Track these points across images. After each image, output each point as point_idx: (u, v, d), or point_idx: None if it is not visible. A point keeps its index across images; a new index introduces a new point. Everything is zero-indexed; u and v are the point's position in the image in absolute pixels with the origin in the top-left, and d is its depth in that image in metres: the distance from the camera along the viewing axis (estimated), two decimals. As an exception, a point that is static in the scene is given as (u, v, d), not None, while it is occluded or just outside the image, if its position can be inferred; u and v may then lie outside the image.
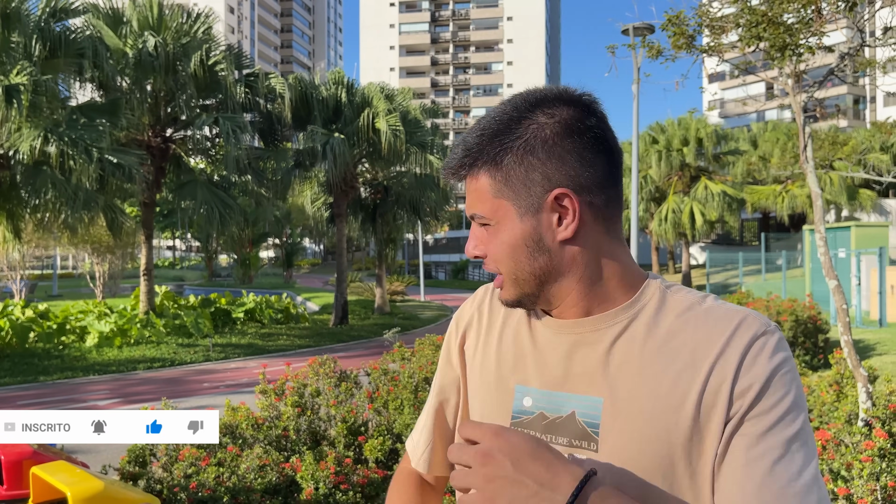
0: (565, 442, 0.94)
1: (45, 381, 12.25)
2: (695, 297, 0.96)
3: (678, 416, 0.88)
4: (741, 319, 0.91)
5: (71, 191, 13.06)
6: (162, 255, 66.14)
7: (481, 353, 1.07)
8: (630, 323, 0.94)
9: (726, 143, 35.12)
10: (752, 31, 5.11)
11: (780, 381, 0.87)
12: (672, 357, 0.91)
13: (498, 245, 0.96)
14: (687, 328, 0.92)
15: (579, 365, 0.95)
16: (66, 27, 14.22)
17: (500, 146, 0.94)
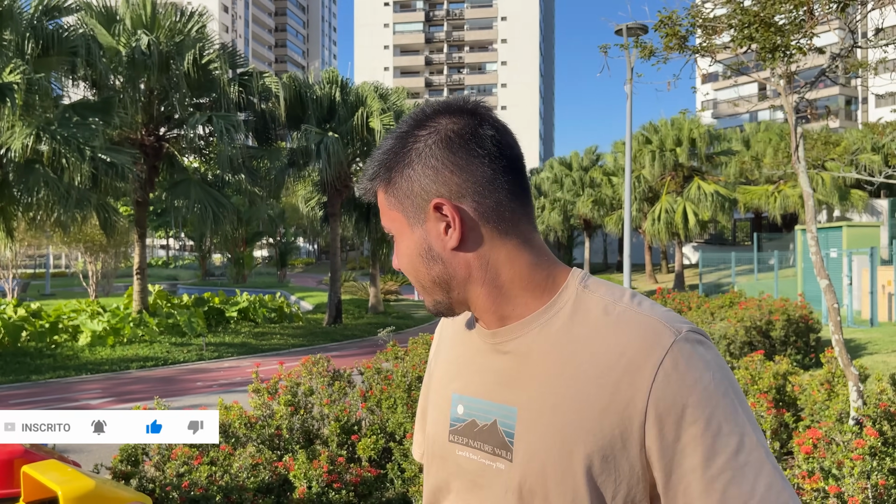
0: (489, 450, 0.96)
1: (37, 380, 12.20)
2: (609, 298, 0.93)
3: (585, 433, 0.87)
4: (651, 330, 0.87)
5: (63, 189, 13.01)
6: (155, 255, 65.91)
7: (437, 366, 1.12)
8: (543, 330, 0.94)
9: (719, 144, 35.23)
10: (744, 32, 5.13)
11: (700, 401, 0.83)
12: (581, 368, 0.89)
13: (402, 256, 1.01)
14: (597, 337, 0.90)
15: (498, 374, 0.97)
16: (59, 25, 14.17)
17: (390, 163, 0.98)
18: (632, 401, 0.85)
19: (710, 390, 0.84)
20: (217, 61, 17.34)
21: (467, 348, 1.04)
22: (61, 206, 13.21)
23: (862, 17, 5.88)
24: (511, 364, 0.96)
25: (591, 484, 0.87)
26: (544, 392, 0.91)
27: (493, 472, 0.95)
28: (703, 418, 0.83)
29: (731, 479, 0.82)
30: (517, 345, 0.96)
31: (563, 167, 45.14)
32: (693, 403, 0.83)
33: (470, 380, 1.01)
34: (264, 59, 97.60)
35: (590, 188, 40.83)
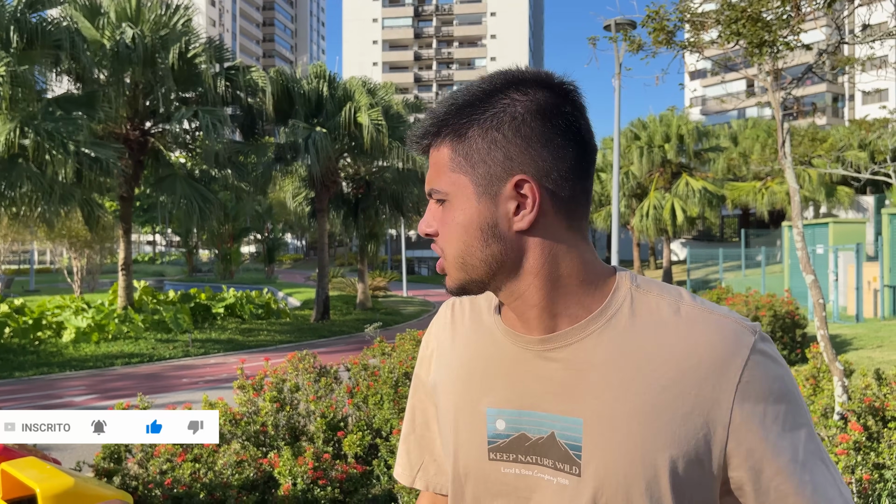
0: (550, 464, 0.90)
1: (20, 376, 12.08)
2: (669, 297, 0.90)
3: (668, 440, 0.84)
4: (730, 330, 0.86)
5: (47, 184, 12.88)
6: (142, 251, 65.49)
7: (444, 377, 1.02)
8: (603, 334, 0.89)
9: (707, 140, 35.39)
10: (732, 28, 5.13)
11: (782, 399, 0.85)
12: (657, 373, 0.85)
13: (451, 224, 0.90)
14: (669, 339, 0.87)
15: (550, 383, 0.90)
16: (43, 18, 14.00)
17: (467, 117, 0.88)
18: (717, 403, 0.84)
19: (788, 388, 0.86)
20: (203, 55, 17.20)
21: (496, 356, 0.95)
22: (45, 202, 13.08)
23: (849, 13, 5.89)
24: (566, 372, 0.89)
25: (676, 491, 0.85)
26: (615, 401, 0.86)
27: (553, 487, 0.89)
28: (785, 416, 0.85)
29: (815, 471, 0.85)
30: (574, 350, 0.89)
31: (552, 163, 45.24)
32: (775, 402, 0.85)
33: (510, 392, 0.93)
34: (252, 53, 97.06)
35: (578, 184, 40.91)
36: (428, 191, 0.92)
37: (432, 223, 0.92)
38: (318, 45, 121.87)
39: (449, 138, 0.90)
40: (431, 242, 0.95)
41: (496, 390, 0.94)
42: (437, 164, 0.91)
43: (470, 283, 0.92)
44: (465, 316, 1.04)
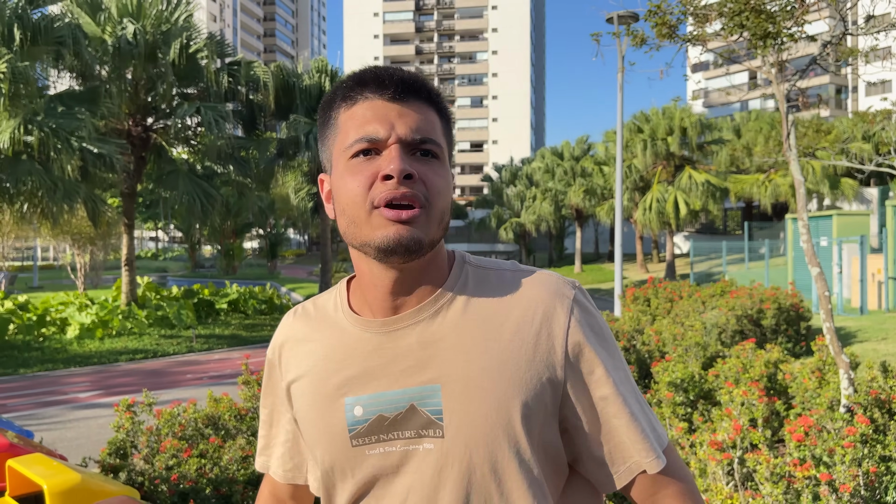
0: (412, 434, 0.94)
1: (25, 373, 12.11)
2: (498, 267, 1.01)
3: (518, 387, 0.93)
4: (554, 283, 0.98)
5: (51, 181, 12.88)
6: (145, 246, 65.56)
7: (304, 381, 1.03)
8: (450, 307, 0.97)
9: (710, 133, 35.27)
10: (735, 20, 5.10)
11: (603, 339, 0.98)
12: (501, 329, 0.95)
13: (441, 180, 0.94)
14: (507, 299, 0.97)
15: (409, 359, 0.95)
16: (44, 14, 13.98)
17: (444, 104, 0.99)
18: (552, 347, 0.94)
19: (607, 331, 0.99)
20: (204, 51, 17.17)
21: (349, 348, 0.99)
22: (49, 198, 13.09)
23: (853, 4, 5.85)
24: (419, 346, 0.95)
25: (529, 433, 0.93)
26: (467, 362, 0.93)
27: (419, 454, 0.95)
28: (607, 354, 0.97)
29: (633, 399, 0.98)
30: (425, 325, 0.96)
31: (555, 157, 45.12)
32: (598, 342, 0.97)
33: (366, 378, 0.97)
34: (253, 48, 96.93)
35: (581, 178, 40.85)
36: (419, 138, 0.92)
37: (423, 174, 0.92)
38: (319, 39, 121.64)
39: (436, 109, 0.97)
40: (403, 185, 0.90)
41: (352, 380, 0.98)
42: (428, 121, 0.95)
43: (431, 244, 0.93)
44: (311, 319, 1.06)
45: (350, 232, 0.93)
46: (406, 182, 0.90)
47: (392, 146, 0.91)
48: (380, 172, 0.90)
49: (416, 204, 0.90)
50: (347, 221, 0.93)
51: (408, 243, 0.90)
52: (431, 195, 0.91)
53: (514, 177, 49.42)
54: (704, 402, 5.26)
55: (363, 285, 1.00)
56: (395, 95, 0.93)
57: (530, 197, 45.28)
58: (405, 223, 0.89)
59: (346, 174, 0.93)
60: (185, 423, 4.38)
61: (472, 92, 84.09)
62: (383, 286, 0.96)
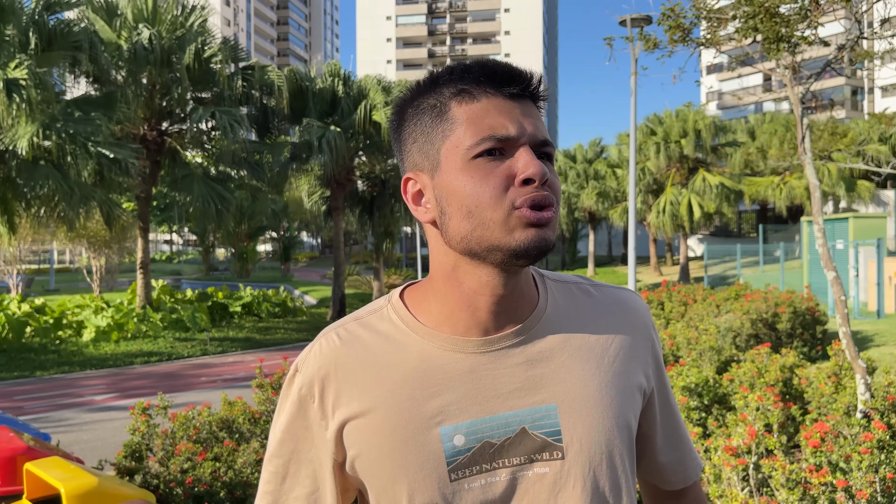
0: (524, 459, 0.88)
1: (41, 375, 12.23)
2: (574, 282, 1.02)
3: (631, 397, 0.96)
4: (629, 295, 1.03)
5: (67, 185, 13.01)
6: (159, 250, 66.00)
7: (377, 419, 0.89)
8: (550, 322, 0.94)
9: (724, 135, 35.06)
10: (749, 23, 5.08)
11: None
12: (603, 346, 0.96)
13: (558, 182, 0.89)
14: (599, 315, 0.98)
15: (518, 379, 0.90)
16: (61, 20, 14.13)
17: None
18: (647, 360, 1.00)
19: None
20: (219, 55, 17.29)
21: (439, 371, 0.89)
22: (65, 202, 13.22)
23: (868, 7, 5.81)
24: (528, 364, 0.90)
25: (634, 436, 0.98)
26: (582, 380, 0.92)
27: (529, 479, 0.88)
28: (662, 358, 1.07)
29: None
30: (531, 342, 0.92)
31: (568, 159, 45.02)
32: (660, 344, 1.06)
33: (465, 403, 0.88)
34: (266, 52, 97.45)
35: (594, 180, 40.72)
36: (542, 139, 0.88)
37: (547, 172, 0.87)
38: (332, 43, 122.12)
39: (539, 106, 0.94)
40: (545, 188, 0.86)
41: (448, 407, 0.88)
42: (543, 122, 0.92)
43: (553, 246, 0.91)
44: (365, 342, 0.92)
45: (477, 235, 0.85)
46: (544, 187, 0.86)
47: (523, 147, 0.86)
48: (517, 174, 0.85)
49: (552, 208, 0.87)
50: (475, 224, 0.85)
51: (545, 245, 0.86)
52: (557, 199, 0.88)
53: (526, 180, 49.32)
54: (719, 406, 5.23)
55: (455, 299, 0.90)
56: (516, 94, 0.89)
57: (543, 200, 45.14)
58: (542, 226, 0.85)
59: (467, 173, 0.86)
60: (199, 427, 4.41)
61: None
62: (490, 298, 0.89)
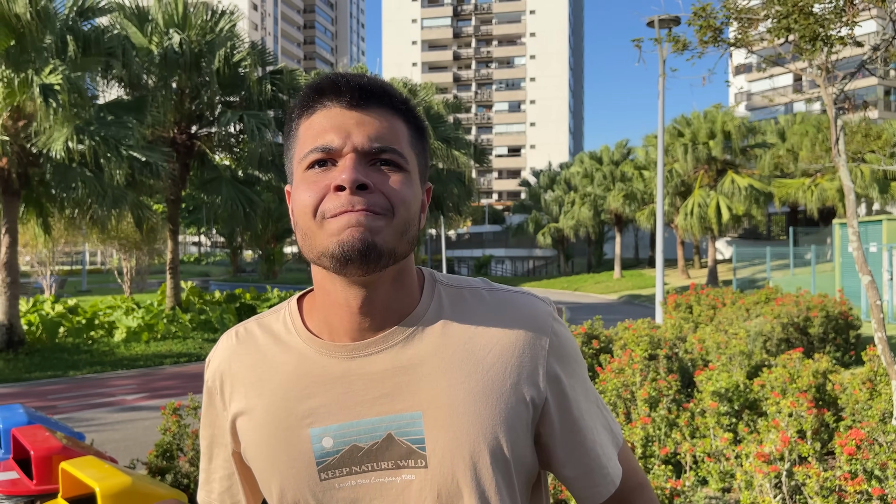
0: (391, 465, 0.90)
1: (74, 375, 12.45)
2: (472, 287, 0.98)
3: (510, 406, 0.91)
4: (532, 306, 0.97)
5: (100, 188, 13.24)
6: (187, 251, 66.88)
7: (257, 416, 0.95)
8: (426, 329, 0.92)
9: (753, 136, 34.59)
10: (782, 23, 5.01)
11: (577, 358, 0.99)
12: (479, 354, 0.92)
13: (404, 190, 0.87)
14: (484, 323, 0.94)
15: (384, 385, 0.90)
16: (94, 26, 14.39)
17: (417, 114, 0.94)
18: (534, 368, 0.93)
19: (577, 349, 1.00)
20: (247, 59, 17.49)
21: (312, 374, 0.92)
22: (98, 204, 13.45)
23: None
24: (395, 371, 0.90)
25: (514, 455, 0.92)
26: (450, 388, 0.90)
27: (397, 485, 0.90)
28: (580, 371, 0.99)
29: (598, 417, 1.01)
30: (401, 349, 0.91)
31: (594, 161, 44.76)
32: (573, 361, 0.98)
33: (334, 406, 0.90)
34: (293, 56, 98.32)
35: (621, 182, 40.44)
36: (378, 147, 0.86)
37: (369, 177, 0.85)
38: (358, 46, 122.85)
39: (404, 118, 0.91)
40: (358, 194, 0.84)
41: (318, 409, 0.91)
42: (392, 129, 0.89)
43: (392, 255, 0.86)
44: (259, 342, 0.97)
45: (305, 245, 0.87)
46: (360, 192, 0.83)
47: (347, 156, 0.85)
48: (332, 183, 0.84)
49: (379, 212, 0.84)
50: (301, 234, 0.87)
51: (362, 248, 0.83)
52: (393, 204, 0.85)
53: (552, 181, 49.16)
54: (750, 412, 5.15)
55: (326, 305, 0.92)
56: (354, 102, 0.87)
57: (569, 202, 44.97)
58: (359, 227, 0.83)
59: (300, 186, 0.87)
60: (229, 428, 4.45)
61: (509, 97, 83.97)
62: (349, 306, 0.90)
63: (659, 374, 5.54)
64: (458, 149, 22.12)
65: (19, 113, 13.06)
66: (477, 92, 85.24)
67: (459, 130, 24.98)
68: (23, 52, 12.59)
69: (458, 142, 22.58)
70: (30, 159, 13.37)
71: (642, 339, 6.27)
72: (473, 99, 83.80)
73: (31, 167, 13.41)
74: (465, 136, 25.36)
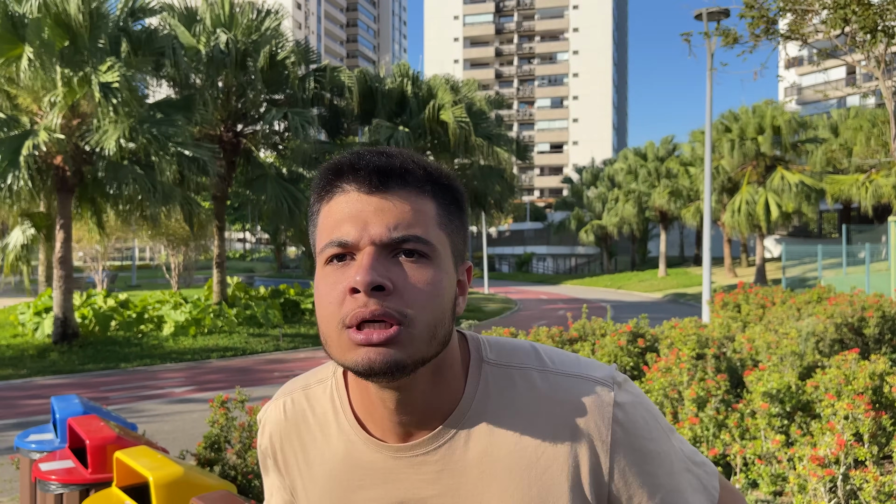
0: None
1: (125, 367, 12.78)
2: (521, 368, 0.87)
3: None
4: (585, 390, 0.85)
5: (150, 185, 13.56)
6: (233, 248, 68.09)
7: (315, 496, 0.92)
8: (470, 426, 0.85)
9: (804, 132, 33.68)
10: (839, 14, 4.85)
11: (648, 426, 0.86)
12: (531, 456, 0.84)
13: (428, 285, 0.78)
14: (534, 418, 0.85)
15: (433, 488, 0.86)
16: (144, 27, 14.74)
17: (445, 181, 0.84)
18: (596, 465, 0.84)
19: (649, 424, 0.86)
20: (291, 57, 17.71)
21: (363, 469, 0.88)
22: (148, 201, 13.78)
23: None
24: (442, 475, 0.85)
25: None
26: (503, 492, 0.84)
27: None
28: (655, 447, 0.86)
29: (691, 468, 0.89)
30: (447, 450, 0.85)
31: (638, 158, 44.17)
32: (643, 445, 0.85)
33: (385, 501, 0.87)
34: (336, 54, 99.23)
35: (666, 179, 39.85)
36: (399, 237, 0.77)
37: (387, 275, 0.76)
38: (400, 44, 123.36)
39: (432, 194, 0.82)
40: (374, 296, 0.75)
41: (370, 501, 0.88)
42: (418, 211, 0.79)
43: (420, 363, 0.78)
44: (309, 422, 0.93)
45: (327, 350, 0.81)
46: (376, 295, 0.75)
47: (364, 250, 0.77)
48: (348, 284, 0.76)
49: (392, 321, 0.75)
50: (323, 339, 0.81)
51: (381, 368, 0.76)
52: (415, 309, 0.76)
53: (595, 178, 48.67)
54: (802, 414, 5.02)
55: (367, 402, 0.87)
56: (374, 186, 0.79)
57: (612, 199, 44.47)
58: (378, 345, 0.75)
59: (319, 283, 0.80)
60: (275, 421, 4.50)
61: (552, 93, 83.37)
62: (386, 407, 0.85)
63: (707, 373, 5.43)
64: (500, 145, 22.04)
65: (74, 111, 13.46)
66: (519, 88, 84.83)
67: (501, 127, 24.90)
68: (77, 53, 12.95)
69: (500, 138, 22.51)
70: (84, 157, 13.77)
71: (689, 338, 6.15)
72: (515, 95, 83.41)
73: (84, 165, 13.81)
74: (507, 133, 25.28)
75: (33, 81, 12.83)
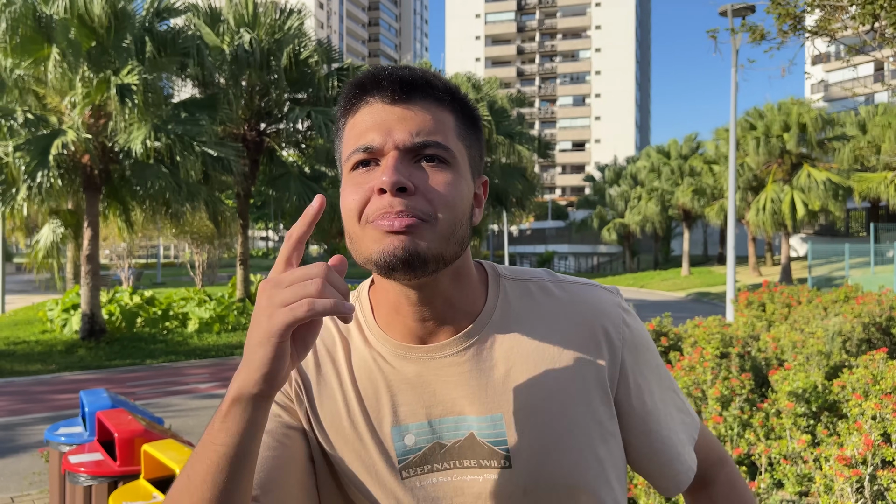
0: (473, 463, 0.89)
1: (151, 363, 12.95)
2: (536, 280, 0.96)
3: (589, 403, 0.90)
4: (597, 295, 0.95)
5: (176, 183, 13.72)
6: (256, 246, 68.67)
7: (334, 418, 0.92)
8: (495, 328, 0.91)
9: (831, 129, 33.17)
10: (868, 9, 4.78)
11: (648, 341, 0.98)
12: (554, 354, 0.91)
13: (450, 188, 0.83)
14: (554, 319, 0.92)
15: (464, 387, 0.89)
16: (170, 27, 14.91)
17: (468, 103, 0.91)
18: (612, 361, 0.92)
19: (649, 336, 0.99)
20: (314, 57, 17.80)
21: (390, 377, 0.90)
22: (174, 199, 13.94)
23: None
24: (473, 372, 0.89)
25: (600, 443, 0.91)
26: (528, 388, 0.89)
27: (479, 484, 0.89)
28: (653, 358, 0.97)
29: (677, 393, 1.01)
30: (476, 350, 0.90)
31: (661, 156, 43.81)
32: (646, 349, 0.96)
33: (416, 406, 0.89)
34: (358, 53, 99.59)
35: (689, 177, 39.48)
36: (420, 142, 0.83)
37: (410, 177, 0.81)
38: (422, 42, 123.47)
39: (451, 108, 0.87)
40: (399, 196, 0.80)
41: (399, 408, 0.90)
42: (439, 121, 0.85)
43: (439, 260, 0.82)
44: (333, 333, 0.95)
45: (352, 249, 0.85)
46: (401, 195, 0.80)
47: (389, 154, 0.82)
48: (374, 185, 0.82)
49: (415, 217, 0.80)
50: (348, 238, 0.85)
51: (405, 256, 0.79)
52: (436, 207, 0.81)
53: (617, 176, 48.36)
54: (829, 414, 4.96)
55: (388, 303, 0.91)
56: (396, 97, 0.84)
57: (635, 197, 44.16)
58: (400, 233, 0.79)
59: (346, 188, 0.85)
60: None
61: (574, 91, 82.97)
62: (409, 310, 0.89)
63: (731, 372, 5.39)
64: (522, 143, 21.99)
65: (100, 111, 13.65)
66: (540, 86, 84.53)
67: (523, 125, 24.84)
68: (103, 53, 13.14)
69: (522, 136, 22.46)
70: (110, 156, 13.96)
71: (713, 337, 6.10)
72: (537, 93, 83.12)
73: (111, 164, 14.01)
74: (528, 131, 25.20)
75: (61, 82, 13.03)
